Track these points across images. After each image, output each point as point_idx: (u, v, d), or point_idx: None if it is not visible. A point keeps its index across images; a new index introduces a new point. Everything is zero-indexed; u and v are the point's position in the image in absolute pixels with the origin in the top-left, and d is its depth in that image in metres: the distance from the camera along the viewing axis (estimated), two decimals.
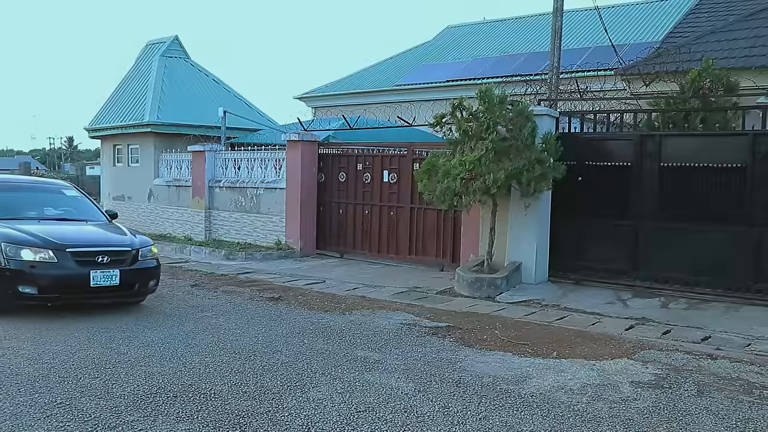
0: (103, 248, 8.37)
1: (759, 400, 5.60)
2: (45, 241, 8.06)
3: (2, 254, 7.90)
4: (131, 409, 4.95)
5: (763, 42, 14.11)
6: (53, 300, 8.14)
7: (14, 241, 8.00)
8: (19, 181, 10.90)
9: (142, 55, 22.96)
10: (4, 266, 7.90)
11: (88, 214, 9.74)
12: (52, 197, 9.94)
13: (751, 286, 9.63)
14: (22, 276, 7.89)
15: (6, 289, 7.95)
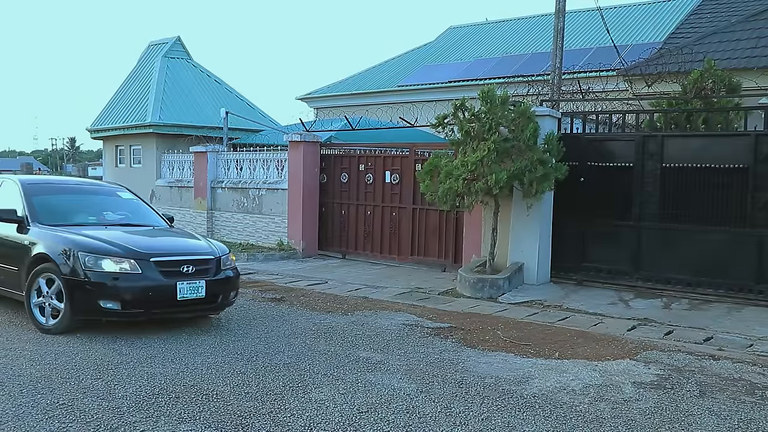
0: (187, 257, 7.57)
1: (761, 400, 5.60)
2: (126, 250, 7.25)
3: (80, 265, 7.04)
4: (133, 410, 4.95)
5: (765, 43, 14.11)
6: (136, 316, 7.30)
7: (92, 250, 7.17)
8: (72, 183, 10.00)
9: (144, 56, 23.00)
10: (83, 278, 7.03)
11: (148, 219, 8.98)
12: (109, 200, 9.21)
13: (753, 287, 9.62)
14: (104, 289, 7.02)
15: (85, 305, 7.11)
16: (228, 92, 22.10)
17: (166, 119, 19.60)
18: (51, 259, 7.28)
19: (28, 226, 7.85)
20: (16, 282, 7.77)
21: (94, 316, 7.25)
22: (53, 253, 7.30)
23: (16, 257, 7.79)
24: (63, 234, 7.58)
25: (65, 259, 7.18)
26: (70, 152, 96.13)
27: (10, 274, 7.88)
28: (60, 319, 7.18)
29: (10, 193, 8.47)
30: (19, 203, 8.14)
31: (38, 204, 8.19)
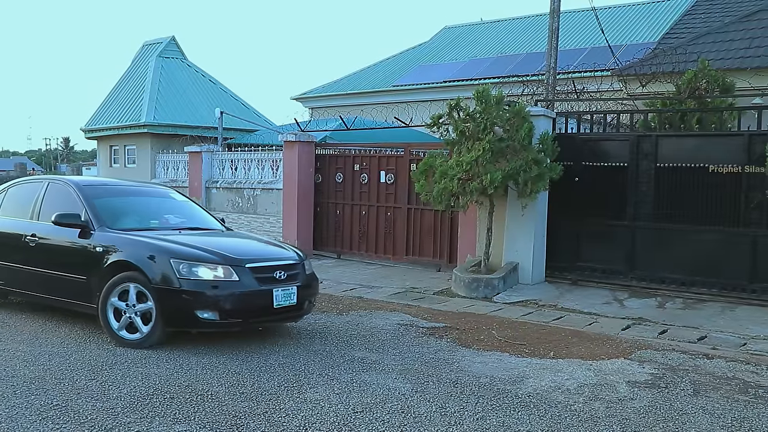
0: (279, 262, 7.19)
1: (754, 399, 5.62)
2: (221, 256, 6.79)
3: (174, 273, 6.52)
4: (128, 411, 4.94)
5: (758, 43, 14.17)
6: (233, 326, 6.98)
7: (185, 256, 6.68)
8: (125, 185, 9.18)
9: (138, 56, 22.97)
10: (177, 287, 6.51)
11: (206, 221, 8.51)
12: (164, 202, 8.66)
13: (746, 286, 9.66)
14: (202, 298, 6.54)
15: (180, 315, 6.64)
16: (223, 92, 22.10)
17: (161, 119, 19.58)
18: (135, 267, 6.71)
19: (93, 231, 7.22)
20: (82, 292, 7.12)
21: (189, 328, 6.83)
22: (138, 260, 6.73)
23: (83, 265, 7.19)
24: (145, 239, 7.04)
25: (154, 266, 6.64)
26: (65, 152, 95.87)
27: (74, 283, 7.21)
28: (149, 331, 6.65)
29: (61, 196, 7.84)
30: (78, 207, 7.48)
31: (101, 207, 7.56)
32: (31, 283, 7.77)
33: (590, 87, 15.10)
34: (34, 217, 7.91)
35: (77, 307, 7.36)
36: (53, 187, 8.10)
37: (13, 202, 8.42)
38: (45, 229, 7.63)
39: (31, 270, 7.71)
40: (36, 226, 7.79)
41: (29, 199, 8.11)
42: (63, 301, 7.49)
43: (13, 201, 8.43)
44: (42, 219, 7.77)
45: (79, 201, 7.59)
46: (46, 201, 7.91)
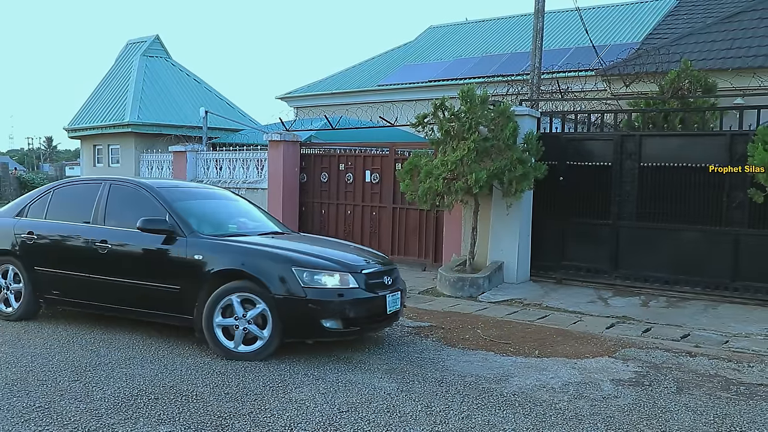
0: (385, 267, 7.10)
1: (736, 396, 5.67)
2: (338, 263, 6.60)
3: (297, 282, 6.24)
4: (112, 412, 4.91)
5: (739, 44, 14.31)
6: (353, 334, 6.74)
7: (306, 264, 6.41)
8: (190, 186, 8.65)
9: (122, 55, 22.82)
10: (302, 297, 6.23)
11: (277, 224, 8.19)
12: (233, 205, 8.25)
13: (728, 284, 9.75)
14: (328, 307, 6.30)
15: (304, 325, 6.39)
16: (207, 91, 22.00)
17: (145, 118, 19.47)
18: (249, 276, 6.36)
19: (184, 237, 6.76)
20: (174, 303, 6.70)
21: (312, 338, 6.59)
22: (253, 269, 6.38)
23: (175, 274, 6.75)
24: (253, 246, 6.74)
25: (273, 275, 6.31)
26: (47, 152, 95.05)
27: (163, 294, 6.75)
28: (266, 343, 6.34)
29: (132, 198, 7.38)
30: (159, 211, 7.01)
31: (184, 212, 7.09)
32: (99, 294, 7.18)
33: (574, 87, 15.18)
34: (97, 221, 7.32)
35: (166, 319, 6.90)
36: (118, 189, 7.54)
37: (64, 205, 7.77)
38: (119, 234, 7.11)
39: (100, 279, 7.12)
40: (104, 231, 7.19)
41: (86, 202, 7.50)
42: (147, 312, 6.98)
43: (64, 204, 7.78)
44: (109, 224, 7.25)
45: (160, 204, 7.08)
46: (112, 204, 7.38)
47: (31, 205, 8.01)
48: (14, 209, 8.16)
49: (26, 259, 7.69)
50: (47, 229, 7.68)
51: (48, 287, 7.56)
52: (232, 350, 6.38)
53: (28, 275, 7.66)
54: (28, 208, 7.99)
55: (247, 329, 6.37)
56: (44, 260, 7.59)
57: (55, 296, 7.55)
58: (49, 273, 7.52)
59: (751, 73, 12.73)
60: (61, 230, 7.58)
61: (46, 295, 7.61)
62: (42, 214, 7.83)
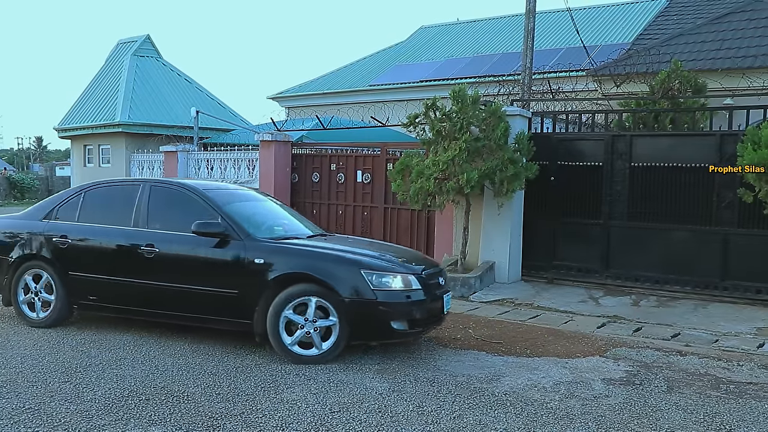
0: (437, 268, 7.16)
1: (726, 394, 5.71)
2: (400, 265, 6.66)
3: (367, 285, 6.26)
4: (102, 413, 4.89)
5: (728, 45, 14.40)
6: (416, 335, 6.80)
7: (373, 267, 6.44)
8: (230, 188, 8.29)
9: (113, 54, 22.75)
10: (372, 299, 6.26)
11: (312, 226, 8.18)
12: (272, 207, 8.14)
13: (718, 283, 9.81)
14: (397, 309, 6.34)
15: (374, 327, 6.42)
16: (198, 91, 21.96)
17: (136, 118, 19.41)
18: (316, 279, 6.34)
19: (239, 240, 6.68)
20: (233, 307, 6.63)
21: (380, 339, 6.65)
22: (320, 272, 6.36)
23: (233, 278, 6.65)
24: (318, 250, 6.76)
25: (341, 278, 6.32)
26: (37, 151, 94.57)
27: (220, 298, 6.65)
28: (332, 346, 6.32)
29: (177, 201, 7.24)
30: (209, 214, 6.89)
31: (236, 215, 7.00)
32: (144, 299, 7.03)
33: (565, 87, 15.22)
34: (139, 224, 7.13)
35: (221, 324, 6.81)
36: (160, 191, 7.36)
37: (98, 207, 7.55)
38: (167, 238, 6.95)
39: (146, 284, 6.95)
40: (150, 234, 7.02)
41: (124, 205, 7.32)
42: (200, 317, 6.86)
43: (98, 206, 7.56)
44: (153, 227, 7.08)
45: (209, 207, 6.97)
46: (155, 207, 7.20)
47: (60, 208, 7.69)
48: (40, 212, 7.80)
49: (59, 264, 7.37)
50: (84, 233, 7.40)
51: (84, 293, 7.31)
52: (298, 354, 6.35)
53: (61, 280, 7.35)
54: (57, 211, 7.67)
55: (311, 333, 6.33)
56: (81, 265, 7.31)
57: (91, 302, 7.34)
58: (85, 278, 7.26)
59: (740, 74, 12.81)
60: (100, 234, 7.32)
61: (81, 300, 7.37)
62: (74, 217, 7.54)
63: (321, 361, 6.29)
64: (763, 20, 14.73)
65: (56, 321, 7.47)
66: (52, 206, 7.80)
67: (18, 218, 8.07)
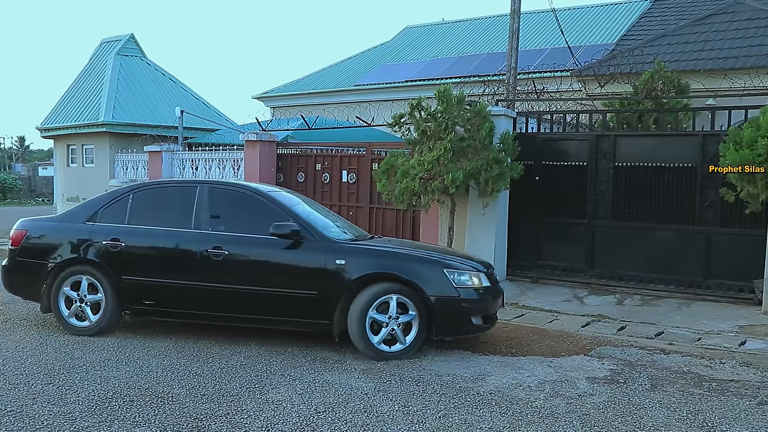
0: (492, 267, 7.40)
1: (708, 392, 5.76)
2: (471, 265, 6.94)
3: (451, 283, 6.58)
4: (86, 415, 4.85)
5: (710, 46, 14.53)
6: (486, 329, 7.01)
7: (452, 266, 6.74)
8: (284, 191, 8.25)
9: (96, 53, 22.58)
10: (456, 296, 6.58)
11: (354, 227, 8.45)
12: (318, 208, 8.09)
13: (701, 282, 9.89)
14: (476, 305, 6.72)
15: (457, 323, 6.74)
16: (183, 91, 21.84)
17: (120, 118, 19.28)
18: (401, 279, 6.54)
19: (315, 241, 6.80)
20: (311, 308, 6.71)
21: (460, 335, 7.00)
22: (406, 272, 6.58)
23: (312, 280, 6.72)
24: (396, 250, 7.10)
25: (427, 277, 6.57)
26: (20, 151, 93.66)
27: (299, 300, 6.73)
28: (413, 342, 6.56)
29: (245, 203, 7.23)
30: (279, 216, 6.93)
31: (306, 216, 7.14)
32: (210, 303, 6.95)
33: (550, 87, 15.29)
34: (201, 226, 7.04)
35: (297, 325, 6.91)
36: (220, 193, 7.32)
37: (150, 209, 7.42)
38: (238, 240, 6.93)
39: (213, 287, 6.88)
40: (218, 237, 6.96)
41: (181, 206, 7.24)
42: (273, 320, 6.90)
43: (150, 208, 7.43)
44: (216, 229, 7.03)
45: (279, 210, 7.03)
46: (216, 209, 7.16)
47: (105, 210, 7.42)
48: (83, 214, 7.50)
49: (110, 268, 7.10)
50: (139, 235, 7.19)
51: (139, 297, 7.12)
52: (383, 351, 6.52)
53: (112, 285, 7.09)
54: (102, 213, 7.39)
55: (395, 329, 6.52)
56: (136, 269, 7.11)
57: (147, 307, 7.15)
58: (141, 282, 7.07)
59: (722, 75, 12.92)
60: (159, 236, 7.16)
61: (134, 306, 7.19)
62: (123, 219, 7.30)
63: (404, 356, 6.51)
64: (744, 22, 14.89)
65: (105, 328, 7.16)
66: (96, 208, 7.48)
67: (56, 221, 7.82)
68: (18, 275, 7.57)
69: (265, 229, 6.81)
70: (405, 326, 6.55)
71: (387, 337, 6.54)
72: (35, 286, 7.37)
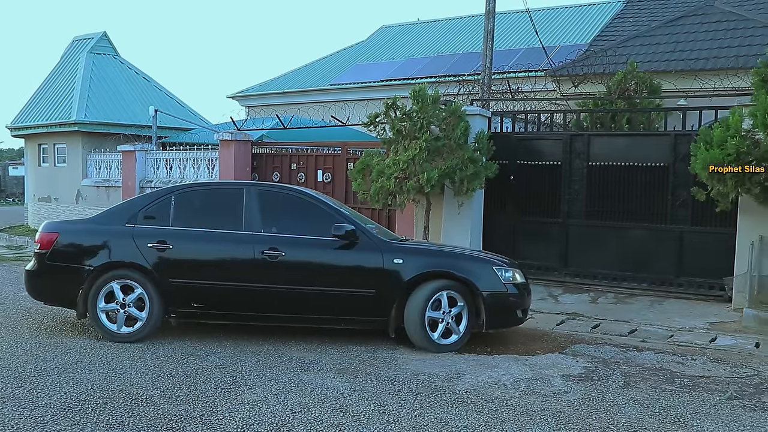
0: None
1: (680, 388, 5.84)
2: (508, 262, 7.52)
3: (499, 279, 7.08)
4: (58, 418, 4.79)
5: (681, 47, 14.73)
6: (522, 322, 7.49)
7: (498, 264, 7.28)
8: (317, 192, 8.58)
9: (68, 51, 22.26)
10: (504, 291, 7.09)
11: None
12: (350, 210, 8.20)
13: (673, 280, 10.03)
14: (521, 299, 7.27)
15: (505, 316, 7.22)
16: (157, 90, 21.61)
17: (93, 117, 19.02)
18: (455, 276, 6.97)
19: (371, 242, 7.09)
20: (369, 307, 6.98)
21: (506, 326, 7.53)
22: (461, 270, 7.04)
23: (371, 279, 6.99)
24: (448, 250, 7.78)
25: (479, 275, 7.06)
26: None
27: (358, 298, 6.99)
28: (462, 335, 7.01)
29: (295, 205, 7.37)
30: (331, 217, 7.12)
31: (356, 218, 7.48)
32: (265, 304, 7.03)
33: (525, 87, 15.39)
34: (252, 228, 7.08)
35: (354, 323, 7.16)
36: (269, 195, 7.40)
37: (195, 211, 7.39)
38: (294, 242, 7.04)
39: (269, 288, 6.96)
40: (273, 238, 7.02)
41: (229, 208, 7.23)
42: (332, 318, 7.11)
43: (195, 210, 7.42)
44: (269, 231, 7.09)
45: (331, 211, 7.27)
46: (266, 211, 7.21)
47: (144, 212, 7.26)
48: (121, 216, 7.29)
49: (157, 271, 6.96)
50: (188, 237, 7.13)
51: (187, 300, 7.04)
52: (442, 344, 6.92)
53: (158, 289, 6.95)
54: (142, 215, 7.23)
55: (450, 323, 6.94)
56: (185, 271, 7.05)
57: (195, 309, 7.08)
58: (192, 285, 7.00)
59: (692, 76, 13.12)
60: (209, 238, 7.14)
61: (181, 309, 7.08)
62: (166, 221, 7.21)
63: (453, 349, 6.91)
64: (713, 24, 15.12)
65: (149, 334, 7.00)
66: (135, 210, 7.32)
67: (92, 223, 7.56)
68: (47, 280, 7.28)
69: (315, 230, 7.09)
70: (456, 317, 6.96)
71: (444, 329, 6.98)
72: (68, 292, 7.10)
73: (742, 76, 11.70)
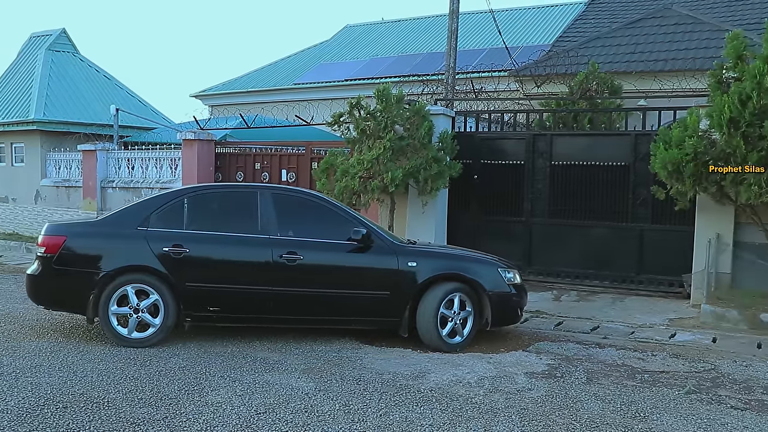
0: None
1: (641, 383, 5.95)
2: (507, 263, 7.81)
3: (503, 280, 7.36)
4: (15, 424, 4.68)
5: (641, 49, 14.99)
6: (519, 321, 7.80)
7: (501, 266, 7.54)
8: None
9: (25, 48, 21.78)
10: (509, 291, 7.36)
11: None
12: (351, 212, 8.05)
13: (634, 277, 10.20)
14: (521, 298, 7.57)
15: (507, 314, 7.46)
16: (118, 88, 21.27)
17: (52, 116, 18.65)
18: (465, 278, 7.18)
19: (385, 245, 7.20)
20: (382, 308, 7.10)
21: (509, 324, 7.68)
22: (468, 272, 7.26)
23: (385, 281, 7.10)
24: (454, 252, 8.11)
25: (486, 276, 7.31)
26: None
27: (372, 300, 7.10)
28: (468, 334, 7.18)
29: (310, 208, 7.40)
30: (347, 221, 7.19)
31: (366, 221, 7.52)
32: (281, 307, 7.03)
33: (488, 87, 15.49)
34: (269, 231, 7.01)
35: (367, 324, 7.33)
36: (283, 198, 7.37)
37: (210, 214, 7.35)
38: (310, 245, 7.07)
39: (286, 292, 6.96)
40: (287, 242, 6.99)
41: (243, 211, 7.19)
42: (345, 320, 7.26)
43: (209, 213, 7.36)
44: (285, 234, 7.04)
45: (345, 215, 7.35)
46: (282, 214, 7.17)
47: (156, 215, 7.08)
48: (132, 219, 7.07)
49: (173, 275, 6.82)
50: (205, 241, 7.03)
51: (203, 304, 6.95)
52: (451, 342, 7.08)
53: (173, 293, 6.82)
54: (154, 218, 7.04)
55: (457, 324, 7.12)
56: (203, 275, 6.95)
57: (211, 313, 7.00)
58: (208, 289, 6.92)
59: (652, 77, 13.35)
60: (227, 242, 7.07)
61: (196, 312, 6.97)
62: (180, 225, 7.11)
63: (463, 346, 7.09)
64: (671, 26, 15.41)
65: (163, 338, 6.87)
66: (146, 213, 7.11)
67: (101, 225, 7.43)
68: (54, 285, 7.04)
69: (328, 233, 7.20)
70: (462, 321, 7.15)
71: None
72: (77, 296, 6.91)
73: (699, 78, 11.95)
